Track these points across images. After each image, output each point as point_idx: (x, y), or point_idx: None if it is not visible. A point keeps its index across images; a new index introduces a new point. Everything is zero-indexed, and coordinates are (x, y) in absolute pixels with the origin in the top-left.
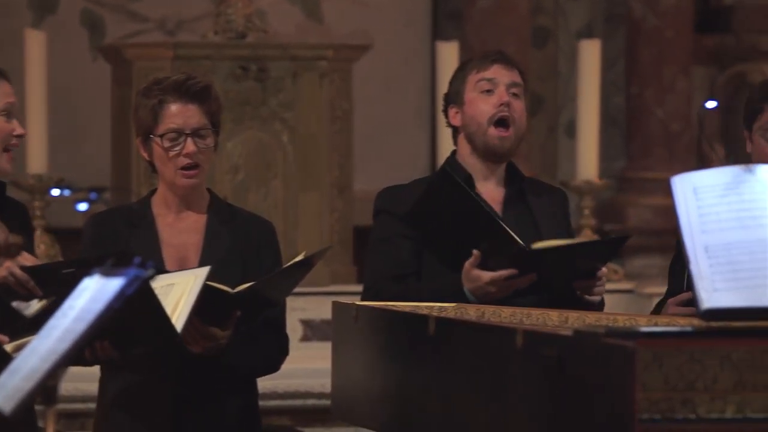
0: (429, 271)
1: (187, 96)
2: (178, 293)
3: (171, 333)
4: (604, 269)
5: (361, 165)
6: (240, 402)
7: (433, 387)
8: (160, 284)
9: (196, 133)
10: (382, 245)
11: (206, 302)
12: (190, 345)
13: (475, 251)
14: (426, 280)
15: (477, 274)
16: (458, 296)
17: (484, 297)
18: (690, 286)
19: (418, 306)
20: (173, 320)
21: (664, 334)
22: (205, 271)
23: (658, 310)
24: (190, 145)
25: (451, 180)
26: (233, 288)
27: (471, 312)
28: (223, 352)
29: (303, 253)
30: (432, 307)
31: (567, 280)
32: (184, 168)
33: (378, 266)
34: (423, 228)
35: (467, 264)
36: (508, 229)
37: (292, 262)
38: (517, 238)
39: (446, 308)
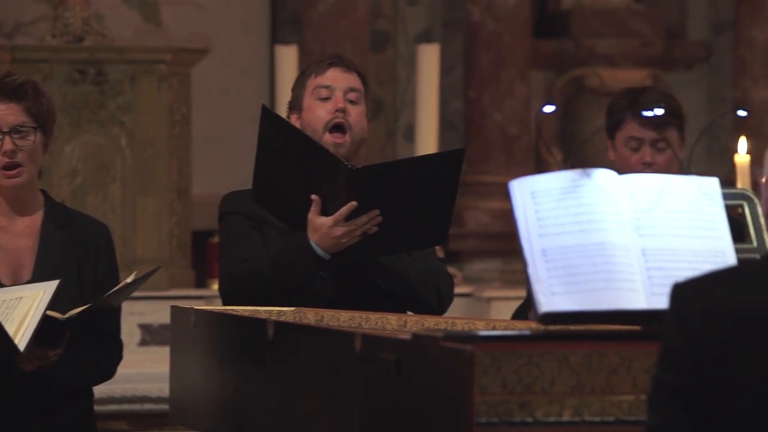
0: None
1: (3, 94)
2: (26, 307)
3: (11, 350)
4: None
5: (200, 169)
6: (74, 409)
7: (271, 391)
8: (8, 297)
9: (15, 131)
10: (231, 239)
11: (39, 323)
12: (22, 364)
13: (313, 196)
14: None
15: (320, 221)
16: (306, 252)
17: (333, 246)
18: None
19: (257, 310)
20: (18, 336)
21: (502, 338)
22: (53, 285)
23: (518, 315)
24: (8, 143)
25: (269, 114)
26: (64, 312)
27: (310, 316)
28: (54, 368)
29: (134, 274)
30: (270, 311)
31: (412, 209)
32: (4, 168)
33: (230, 256)
34: (266, 194)
35: (310, 215)
36: (328, 150)
37: (122, 284)
38: (341, 159)
39: (285, 312)
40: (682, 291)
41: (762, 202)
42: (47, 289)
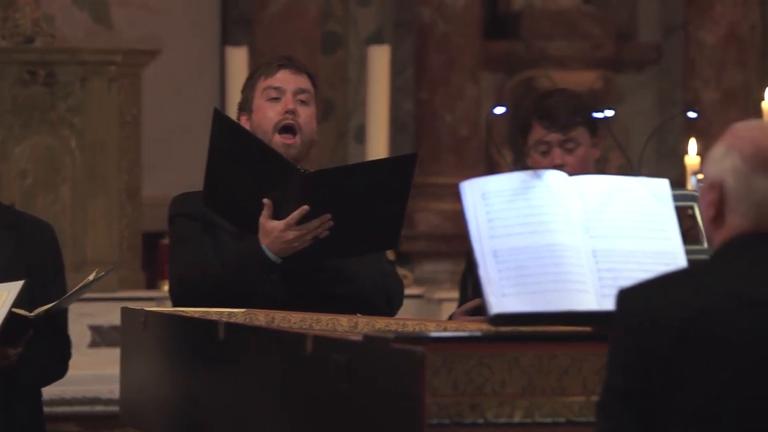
0: None
1: None
2: None
3: None
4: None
5: (151, 170)
6: (24, 410)
7: (222, 393)
8: None
9: None
10: (182, 242)
11: (3, 324)
12: None
13: (265, 200)
14: None
15: (272, 225)
16: (257, 256)
17: (284, 250)
18: (478, 292)
19: (207, 312)
20: None
21: (453, 339)
22: (18, 285)
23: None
24: None
25: (221, 118)
26: (30, 310)
27: (260, 317)
28: (13, 367)
29: (95, 272)
30: (221, 312)
31: (364, 213)
32: None
33: (180, 259)
34: (217, 197)
35: (261, 218)
36: (281, 155)
37: (84, 282)
38: (293, 164)
39: (236, 314)
40: (629, 296)
41: (702, 206)
42: (11, 289)
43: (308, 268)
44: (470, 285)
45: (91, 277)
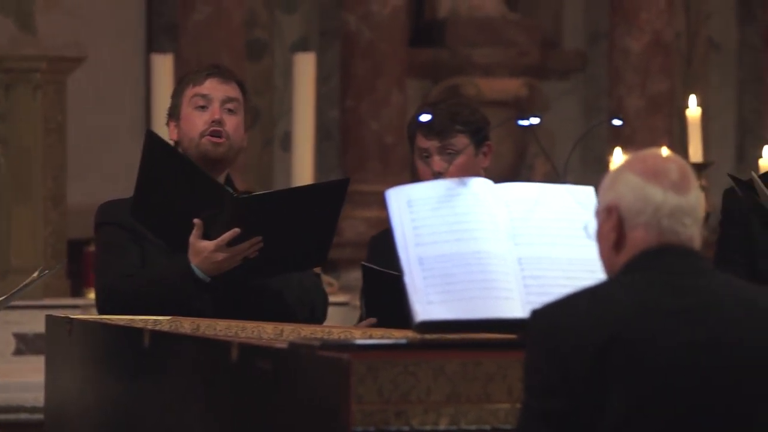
0: None
1: None
2: None
3: None
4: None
5: (76, 178)
6: None
7: (148, 401)
8: None
9: None
10: (109, 251)
11: None
12: None
13: (196, 220)
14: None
15: (202, 245)
16: (186, 275)
17: (213, 269)
18: (372, 312)
19: (132, 319)
20: None
21: (379, 347)
22: None
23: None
24: None
25: (153, 139)
26: None
27: (186, 325)
28: None
29: (39, 269)
30: (147, 320)
31: (295, 235)
32: None
33: (108, 269)
34: (146, 213)
35: (192, 238)
36: (215, 179)
37: (29, 279)
38: (227, 188)
39: (161, 321)
40: (543, 316)
41: (600, 238)
42: None
43: (236, 286)
44: (363, 304)
45: (35, 274)
